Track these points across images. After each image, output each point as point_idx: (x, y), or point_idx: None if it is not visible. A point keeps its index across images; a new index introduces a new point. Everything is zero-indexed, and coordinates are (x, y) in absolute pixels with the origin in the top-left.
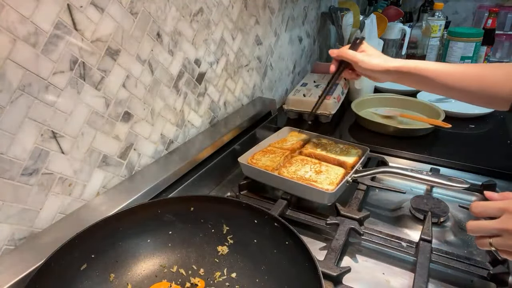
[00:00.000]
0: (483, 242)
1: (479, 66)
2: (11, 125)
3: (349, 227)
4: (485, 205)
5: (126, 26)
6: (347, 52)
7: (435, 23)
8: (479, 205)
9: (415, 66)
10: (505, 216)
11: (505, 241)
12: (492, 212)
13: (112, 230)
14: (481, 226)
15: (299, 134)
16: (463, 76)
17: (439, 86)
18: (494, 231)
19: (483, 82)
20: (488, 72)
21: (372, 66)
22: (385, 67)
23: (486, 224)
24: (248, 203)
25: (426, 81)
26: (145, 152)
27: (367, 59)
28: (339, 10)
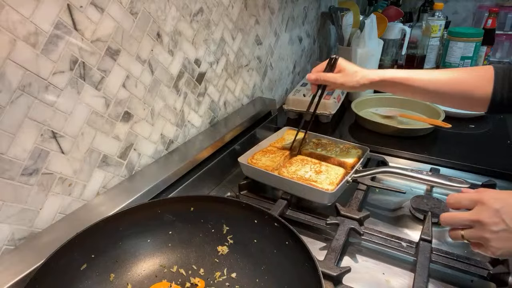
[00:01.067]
0: (455, 233)
1: (456, 71)
2: (11, 125)
3: (349, 227)
4: (458, 196)
5: (126, 26)
6: (324, 75)
7: (435, 23)
8: (453, 196)
9: (395, 76)
10: (477, 207)
11: (476, 233)
12: (465, 203)
13: (112, 230)
14: (454, 217)
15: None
16: (443, 82)
17: (420, 93)
18: (466, 222)
19: (461, 85)
20: (466, 75)
21: (353, 84)
22: (363, 83)
23: (458, 216)
24: (248, 203)
25: (408, 90)
26: (145, 152)
27: (348, 80)
28: (339, 10)
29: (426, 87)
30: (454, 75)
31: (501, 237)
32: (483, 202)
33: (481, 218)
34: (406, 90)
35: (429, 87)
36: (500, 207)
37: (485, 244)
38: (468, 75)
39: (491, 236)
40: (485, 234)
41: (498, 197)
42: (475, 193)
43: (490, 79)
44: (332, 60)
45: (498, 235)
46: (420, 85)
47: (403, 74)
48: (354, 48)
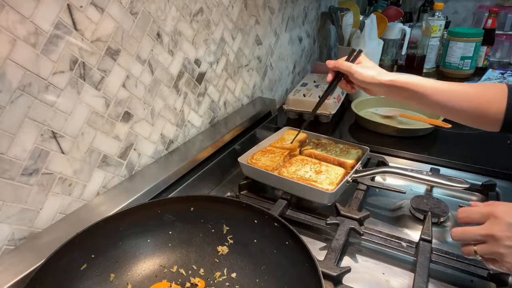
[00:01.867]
0: (468, 249)
1: (471, 86)
2: (11, 125)
3: (349, 227)
4: (469, 210)
5: (126, 26)
6: (342, 63)
7: (435, 23)
8: (464, 210)
9: (408, 81)
10: (490, 221)
11: (490, 248)
12: (476, 217)
13: (112, 230)
14: (465, 232)
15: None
16: (455, 95)
17: (431, 103)
18: (478, 237)
19: (473, 101)
20: (479, 91)
21: (366, 78)
22: (378, 80)
23: (470, 230)
24: (248, 203)
25: (419, 97)
26: (145, 152)
27: (362, 71)
28: (339, 10)
29: (438, 97)
30: (467, 89)
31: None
32: (495, 216)
33: (494, 232)
34: (416, 98)
35: (442, 99)
36: (506, 212)
37: (500, 259)
38: (482, 91)
39: (506, 251)
40: (499, 249)
41: (511, 210)
42: (486, 206)
43: (503, 97)
44: (356, 52)
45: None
46: (433, 95)
47: (417, 81)
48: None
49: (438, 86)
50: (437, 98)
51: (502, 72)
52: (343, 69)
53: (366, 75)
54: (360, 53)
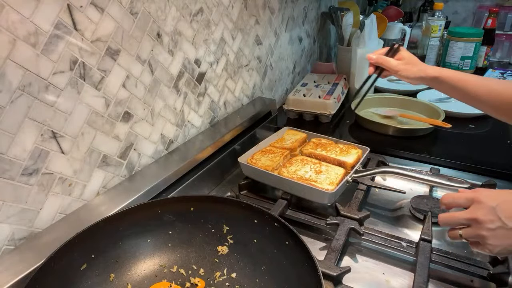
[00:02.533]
0: (454, 233)
1: (509, 83)
2: (11, 125)
3: (349, 227)
4: (454, 196)
5: (126, 26)
6: (388, 60)
7: (435, 23)
8: (448, 195)
9: (450, 75)
10: (473, 206)
11: (474, 231)
12: (460, 201)
13: (112, 230)
14: (451, 217)
15: (296, 132)
16: (495, 91)
17: (471, 98)
18: (463, 221)
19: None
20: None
21: (411, 74)
22: (423, 76)
23: (455, 215)
24: (248, 203)
25: (458, 91)
26: (145, 152)
27: (407, 69)
28: (339, 10)
29: (478, 93)
30: (507, 86)
31: (498, 235)
32: (479, 201)
33: (478, 216)
34: (458, 91)
35: (481, 94)
36: (495, 204)
37: (483, 242)
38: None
39: (488, 234)
40: (482, 232)
41: (494, 195)
42: (471, 192)
43: None
44: (395, 47)
45: (495, 233)
46: (473, 90)
47: (460, 76)
48: (354, 48)
49: (482, 83)
50: (477, 93)
51: (502, 72)
52: (389, 67)
53: (411, 73)
54: (399, 47)
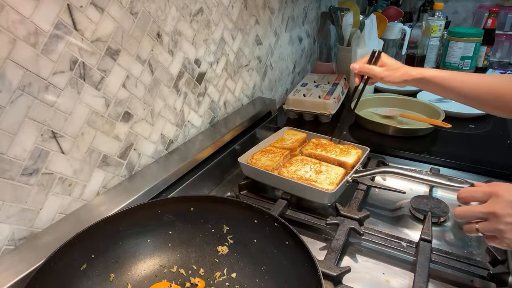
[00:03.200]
0: (470, 227)
1: (494, 78)
2: (11, 125)
3: (349, 227)
4: (471, 190)
5: (126, 26)
6: (371, 69)
7: (435, 23)
8: (466, 190)
9: (435, 74)
10: (492, 200)
11: (491, 225)
12: (479, 196)
13: (112, 230)
14: (468, 210)
15: (296, 132)
16: (480, 87)
17: (457, 95)
18: (480, 215)
19: (497, 92)
20: (499, 81)
21: (396, 79)
22: (407, 79)
23: (473, 209)
24: (248, 203)
25: (446, 89)
26: (145, 152)
27: (391, 74)
28: (339, 10)
29: (462, 89)
30: (491, 80)
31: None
32: (497, 194)
33: (496, 210)
34: (443, 90)
35: (465, 90)
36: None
37: (500, 236)
38: (503, 80)
39: (506, 228)
40: (499, 226)
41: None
42: (489, 186)
43: None
44: (376, 54)
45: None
46: (457, 87)
47: (442, 74)
48: (354, 48)
49: (464, 79)
50: (463, 90)
51: (502, 72)
52: (373, 75)
53: (394, 77)
54: (380, 54)
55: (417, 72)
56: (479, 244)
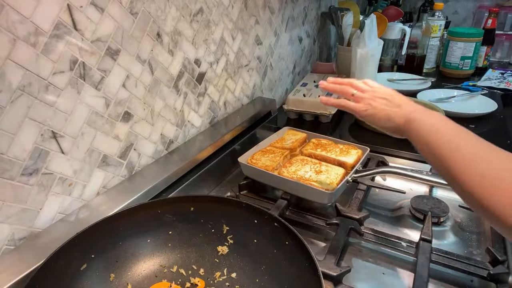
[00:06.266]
0: (346, 90)
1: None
2: (11, 125)
3: (349, 227)
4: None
5: (126, 26)
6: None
7: (435, 23)
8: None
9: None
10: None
11: (367, 94)
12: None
13: (112, 230)
14: (347, 82)
15: (296, 132)
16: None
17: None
18: (360, 85)
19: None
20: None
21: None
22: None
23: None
24: (248, 203)
25: (426, 152)
26: (145, 152)
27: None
28: (339, 10)
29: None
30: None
31: (379, 101)
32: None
33: (373, 87)
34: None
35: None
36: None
37: (363, 100)
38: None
39: (372, 97)
40: (369, 94)
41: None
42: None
43: None
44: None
45: (379, 100)
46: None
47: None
48: (354, 48)
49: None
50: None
51: (502, 72)
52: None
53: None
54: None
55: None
56: (479, 244)
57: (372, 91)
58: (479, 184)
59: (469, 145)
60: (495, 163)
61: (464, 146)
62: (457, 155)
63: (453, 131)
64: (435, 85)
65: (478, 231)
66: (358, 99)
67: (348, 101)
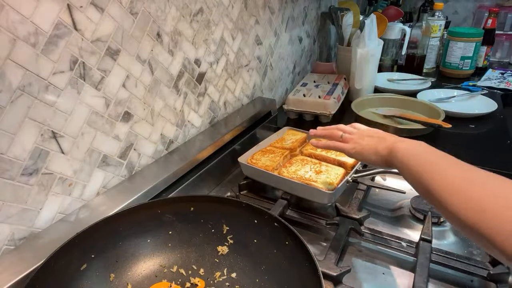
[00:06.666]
0: (335, 134)
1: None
2: (11, 125)
3: (349, 227)
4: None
5: (126, 26)
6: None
7: (435, 23)
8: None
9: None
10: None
11: (355, 134)
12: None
13: (112, 230)
14: (335, 128)
15: (296, 132)
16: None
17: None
18: (347, 128)
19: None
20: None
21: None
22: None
23: (339, 126)
24: (248, 203)
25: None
26: (145, 152)
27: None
28: (339, 10)
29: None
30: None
31: (365, 138)
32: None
33: (359, 129)
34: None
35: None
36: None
37: (351, 140)
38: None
39: (359, 135)
40: (355, 134)
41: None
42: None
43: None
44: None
45: (364, 137)
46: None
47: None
48: (354, 48)
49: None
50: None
51: (502, 72)
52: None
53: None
54: None
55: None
56: None
57: (359, 131)
58: (469, 209)
59: (453, 169)
60: (484, 186)
61: (447, 170)
62: (440, 179)
63: (435, 157)
64: (435, 85)
65: None
66: (346, 140)
67: (337, 142)
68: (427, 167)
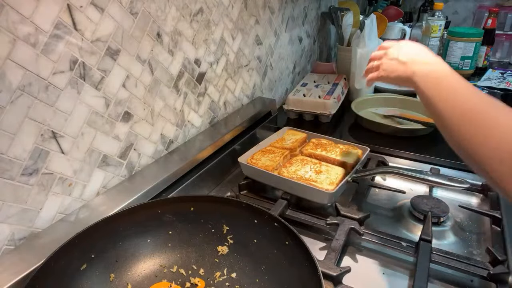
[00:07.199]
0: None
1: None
2: (11, 125)
3: (349, 227)
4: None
5: (126, 26)
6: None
7: (435, 23)
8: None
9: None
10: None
11: (380, 57)
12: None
13: (112, 230)
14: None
15: (296, 132)
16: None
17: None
18: (380, 53)
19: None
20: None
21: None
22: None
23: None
24: (248, 203)
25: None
26: (145, 152)
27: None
28: (339, 10)
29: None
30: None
31: (390, 64)
32: (399, 45)
33: (387, 50)
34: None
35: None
36: (404, 44)
37: (380, 67)
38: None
39: (384, 61)
40: (383, 59)
41: (410, 44)
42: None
43: None
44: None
45: (389, 62)
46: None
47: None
48: (354, 48)
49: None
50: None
51: (502, 72)
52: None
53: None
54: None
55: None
56: (479, 244)
57: (384, 54)
58: (475, 138)
59: (468, 99)
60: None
61: (463, 101)
62: (455, 111)
63: (453, 86)
64: None
65: (478, 231)
66: (376, 68)
67: (372, 74)
68: (442, 101)
